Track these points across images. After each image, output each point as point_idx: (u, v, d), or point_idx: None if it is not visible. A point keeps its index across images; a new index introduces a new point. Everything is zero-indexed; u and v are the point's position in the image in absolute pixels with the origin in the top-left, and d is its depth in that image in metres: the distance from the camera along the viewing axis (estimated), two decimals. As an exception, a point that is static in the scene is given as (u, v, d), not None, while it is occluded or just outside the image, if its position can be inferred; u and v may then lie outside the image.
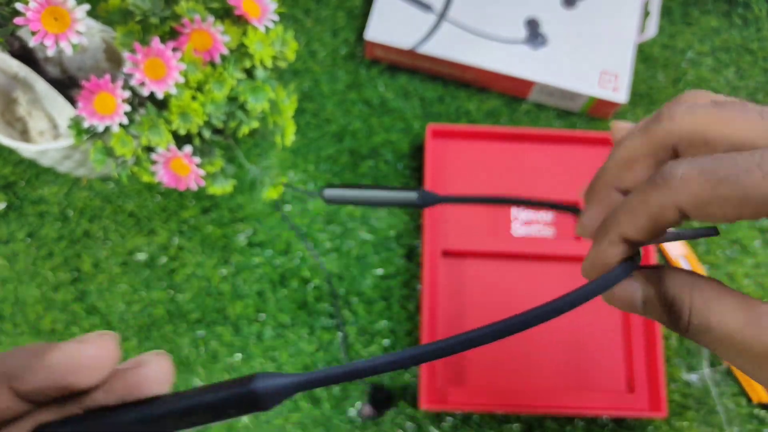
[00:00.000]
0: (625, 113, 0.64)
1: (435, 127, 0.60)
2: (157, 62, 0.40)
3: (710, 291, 0.21)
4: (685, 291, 0.21)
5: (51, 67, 0.52)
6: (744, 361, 0.20)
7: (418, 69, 0.64)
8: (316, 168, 0.61)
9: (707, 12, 0.67)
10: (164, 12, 0.41)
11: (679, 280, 0.21)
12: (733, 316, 0.20)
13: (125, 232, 0.59)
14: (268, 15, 0.42)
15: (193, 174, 0.44)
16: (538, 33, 0.61)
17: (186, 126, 0.42)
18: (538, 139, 0.61)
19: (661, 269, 0.22)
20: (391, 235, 0.59)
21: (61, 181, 0.60)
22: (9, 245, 0.59)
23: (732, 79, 0.65)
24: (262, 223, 0.59)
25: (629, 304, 0.22)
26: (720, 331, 0.20)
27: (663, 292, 0.22)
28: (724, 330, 0.20)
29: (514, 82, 0.61)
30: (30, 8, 0.35)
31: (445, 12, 0.62)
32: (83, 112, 0.41)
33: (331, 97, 0.63)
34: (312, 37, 0.65)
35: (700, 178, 0.19)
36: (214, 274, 0.58)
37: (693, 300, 0.21)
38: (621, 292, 0.22)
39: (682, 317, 0.21)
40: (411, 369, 0.56)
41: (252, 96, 0.43)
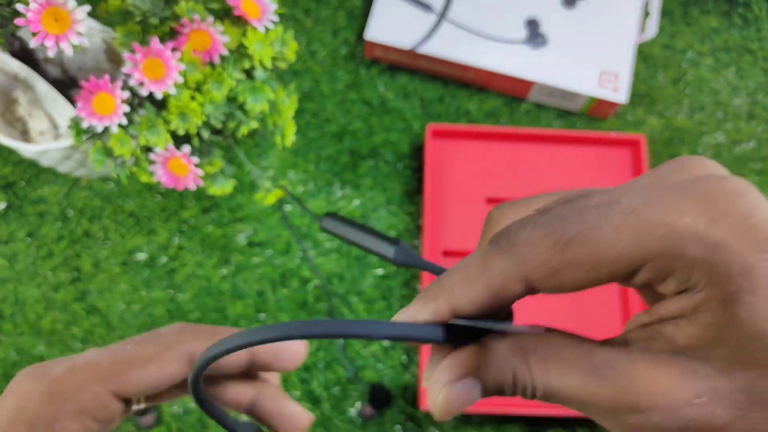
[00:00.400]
0: (625, 113, 0.64)
1: (435, 127, 0.60)
2: (157, 62, 0.40)
3: (545, 350, 0.18)
4: (520, 362, 0.18)
5: (51, 67, 0.52)
6: (597, 417, 0.18)
7: (418, 69, 0.64)
8: (316, 168, 0.61)
9: (707, 12, 0.67)
10: (164, 12, 0.41)
11: (509, 350, 0.18)
12: (572, 375, 0.17)
13: (125, 232, 0.59)
14: (268, 15, 0.42)
15: (192, 174, 0.44)
16: (538, 33, 0.61)
17: (184, 126, 0.42)
18: (538, 139, 0.61)
19: (482, 337, 0.19)
20: (391, 235, 0.59)
21: (61, 181, 0.60)
22: (9, 245, 0.59)
23: (732, 79, 0.65)
24: (262, 223, 0.59)
25: (467, 403, 0.19)
26: (565, 394, 0.17)
27: (497, 374, 0.18)
28: (567, 393, 0.17)
29: (514, 82, 0.61)
30: (31, 9, 0.35)
31: (445, 12, 0.62)
32: (82, 113, 0.41)
33: (331, 97, 0.63)
34: (312, 37, 0.65)
35: (548, 241, 0.17)
36: (214, 273, 0.58)
37: (531, 370, 0.18)
38: (457, 398, 0.18)
39: (526, 393, 0.18)
40: (411, 369, 0.56)
41: (251, 96, 0.43)
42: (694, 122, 0.64)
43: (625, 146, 0.61)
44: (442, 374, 0.19)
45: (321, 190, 0.60)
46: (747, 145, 0.63)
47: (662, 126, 0.63)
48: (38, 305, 0.57)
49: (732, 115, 0.64)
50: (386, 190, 0.61)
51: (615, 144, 0.61)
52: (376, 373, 0.56)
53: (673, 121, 0.64)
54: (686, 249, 0.16)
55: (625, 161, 0.61)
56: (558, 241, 0.17)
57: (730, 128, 0.63)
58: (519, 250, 0.17)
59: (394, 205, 0.60)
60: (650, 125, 0.63)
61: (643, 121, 0.64)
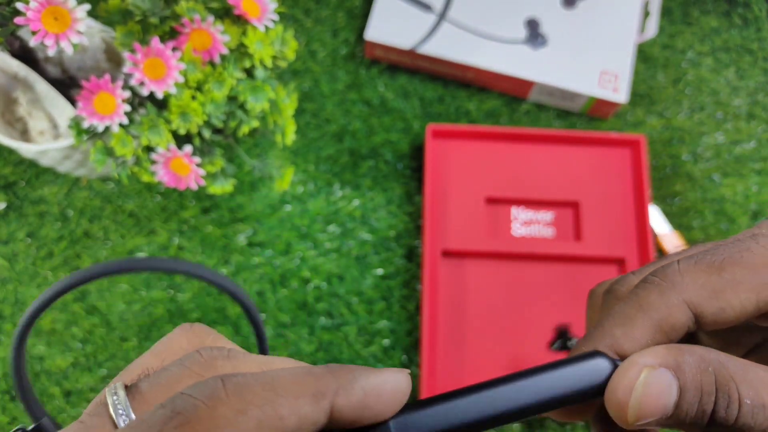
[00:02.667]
0: (625, 113, 0.64)
1: (435, 127, 0.60)
2: (157, 62, 0.40)
3: (735, 365, 0.17)
4: (722, 370, 0.16)
5: (51, 67, 0.52)
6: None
7: (418, 69, 0.64)
8: (316, 168, 0.61)
9: (707, 12, 0.67)
10: (164, 12, 0.41)
11: (704, 356, 0.17)
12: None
13: (125, 232, 0.59)
14: (268, 15, 0.42)
15: (193, 174, 0.44)
16: (538, 33, 0.61)
17: (186, 126, 0.42)
18: (538, 139, 0.61)
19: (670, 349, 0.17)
20: (391, 235, 0.59)
21: (61, 181, 0.60)
22: (9, 245, 0.59)
23: (732, 79, 0.65)
24: (262, 223, 0.59)
25: (662, 407, 0.16)
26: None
27: (697, 376, 0.16)
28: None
29: (514, 82, 0.61)
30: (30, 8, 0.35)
31: (445, 12, 0.62)
32: (83, 112, 0.41)
33: (331, 97, 0.63)
34: (312, 37, 0.65)
35: (702, 266, 0.16)
36: (214, 274, 0.58)
37: (735, 378, 0.16)
38: (654, 391, 0.16)
39: (732, 402, 0.16)
40: (411, 369, 0.56)
41: (252, 95, 0.43)
42: (694, 122, 0.64)
43: (625, 146, 0.61)
44: (645, 356, 0.16)
45: (321, 191, 0.60)
46: (747, 145, 0.63)
47: (662, 126, 0.63)
48: (38, 305, 0.57)
49: (732, 115, 0.64)
50: (386, 190, 0.61)
51: (615, 144, 0.61)
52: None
53: (673, 121, 0.64)
54: None
55: (625, 161, 0.61)
56: (711, 264, 0.16)
57: (730, 128, 0.63)
58: (676, 279, 0.17)
59: (394, 205, 0.60)
60: (650, 125, 0.63)
61: (643, 121, 0.64)
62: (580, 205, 0.59)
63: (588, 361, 0.17)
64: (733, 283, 0.16)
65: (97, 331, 0.57)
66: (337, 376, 0.17)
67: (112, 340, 0.56)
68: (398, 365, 0.56)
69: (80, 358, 0.56)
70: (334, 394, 0.16)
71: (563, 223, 0.59)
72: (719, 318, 0.17)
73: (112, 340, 0.56)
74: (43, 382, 0.55)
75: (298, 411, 0.16)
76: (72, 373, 0.56)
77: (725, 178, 0.62)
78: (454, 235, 0.58)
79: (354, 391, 0.17)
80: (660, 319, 0.17)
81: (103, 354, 0.56)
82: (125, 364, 0.55)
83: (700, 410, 0.16)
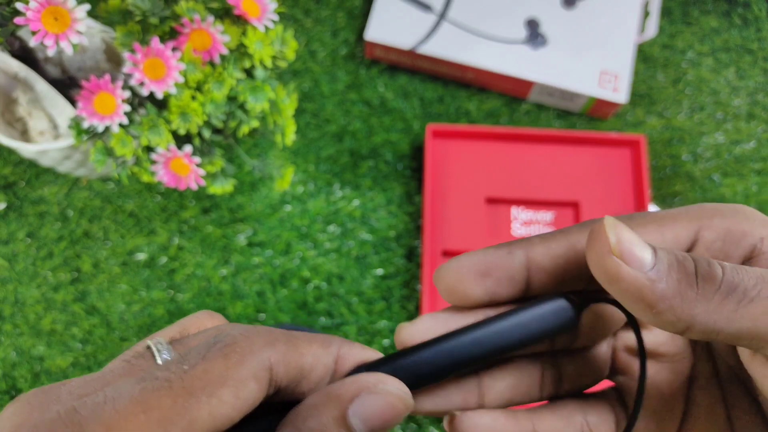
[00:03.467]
0: (625, 113, 0.64)
1: (435, 127, 0.60)
2: (157, 62, 0.40)
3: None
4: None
5: (51, 67, 0.52)
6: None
7: (418, 69, 0.64)
8: (316, 168, 0.61)
9: (707, 12, 0.67)
10: (164, 12, 0.41)
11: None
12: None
13: (125, 232, 0.59)
14: (268, 15, 0.42)
15: (193, 174, 0.44)
16: (538, 33, 0.61)
17: (186, 126, 0.42)
18: (538, 139, 0.61)
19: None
20: (391, 235, 0.59)
21: (61, 181, 0.60)
22: (9, 245, 0.59)
23: (732, 79, 0.65)
24: (262, 223, 0.59)
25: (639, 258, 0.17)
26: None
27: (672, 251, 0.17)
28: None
29: (514, 82, 0.61)
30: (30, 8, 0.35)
31: (445, 12, 0.62)
32: (83, 112, 0.41)
33: (331, 97, 0.63)
34: (312, 37, 0.65)
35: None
36: (214, 274, 0.58)
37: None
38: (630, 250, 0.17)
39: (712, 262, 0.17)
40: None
41: (252, 96, 0.43)
42: (694, 122, 0.64)
43: (625, 146, 0.61)
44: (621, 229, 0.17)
45: (321, 191, 0.60)
46: (747, 145, 0.63)
47: (662, 126, 0.63)
48: (38, 306, 0.57)
49: (732, 115, 0.64)
50: (386, 190, 0.61)
51: (615, 144, 0.61)
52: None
53: (673, 121, 0.64)
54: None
55: (625, 161, 0.61)
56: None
57: (730, 128, 0.63)
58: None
59: (394, 205, 0.60)
60: (650, 125, 0.63)
61: (643, 121, 0.64)
62: (580, 206, 0.59)
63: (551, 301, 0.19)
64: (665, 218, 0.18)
65: (97, 331, 0.57)
66: (340, 340, 0.20)
67: (112, 340, 0.56)
68: (398, 365, 0.56)
69: (80, 358, 0.56)
70: (340, 345, 0.20)
71: (563, 223, 0.59)
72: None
73: (112, 341, 0.56)
74: (43, 382, 0.55)
75: (313, 351, 0.19)
76: (72, 373, 0.56)
77: (725, 178, 0.62)
78: (454, 235, 0.58)
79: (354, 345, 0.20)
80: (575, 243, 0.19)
81: (103, 354, 0.56)
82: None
83: (682, 269, 0.17)
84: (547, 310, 0.19)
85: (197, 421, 0.16)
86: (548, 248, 0.19)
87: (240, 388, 0.17)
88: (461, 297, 0.20)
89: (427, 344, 0.19)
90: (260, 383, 0.18)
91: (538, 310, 0.19)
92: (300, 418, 0.18)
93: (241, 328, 0.19)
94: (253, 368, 0.18)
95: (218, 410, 0.17)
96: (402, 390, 0.18)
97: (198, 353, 0.18)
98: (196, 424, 0.16)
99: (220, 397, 0.17)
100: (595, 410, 0.21)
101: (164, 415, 0.16)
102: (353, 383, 0.18)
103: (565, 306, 0.19)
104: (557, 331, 0.19)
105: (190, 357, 0.18)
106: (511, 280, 0.19)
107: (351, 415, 0.17)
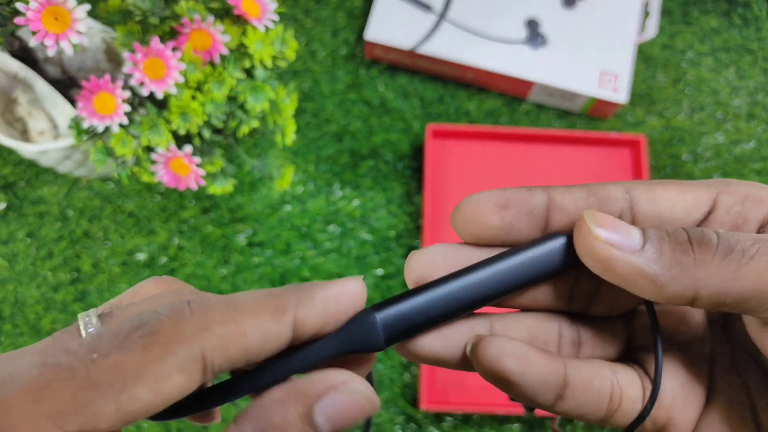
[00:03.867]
0: (625, 113, 0.64)
1: (435, 127, 0.60)
2: (157, 62, 0.40)
3: None
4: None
5: (51, 67, 0.52)
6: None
7: (418, 69, 0.64)
8: (316, 168, 0.61)
9: (707, 12, 0.67)
10: (164, 12, 0.41)
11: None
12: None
13: (125, 232, 0.59)
14: (268, 15, 0.42)
15: (193, 174, 0.44)
16: (538, 33, 0.61)
17: (186, 126, 0.42)
18: (538, 139, 0.61)
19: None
20: (391, 235, 0.59)
21: (61, 181, 0.60)
22: (9, 245, 0.59)
23: (732, 79, 0.65)
24: (262, 223, 0.59)
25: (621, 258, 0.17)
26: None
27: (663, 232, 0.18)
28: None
29: (514, 82, 0.61)
30: (30, 8, 0.35)
31: (445, 12, 0.62)
32: (83, 112, 0.41)
33: (331, 97, 0.63)
34: (312, 37, 0.65)
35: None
36: (214, 274, 0.58)
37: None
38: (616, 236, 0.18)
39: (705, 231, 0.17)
40: (411, 369, 0.56)
41: (252, 95, 0.43)
42: (694, 122, 0.64)
43: (625, 146, 0.61)
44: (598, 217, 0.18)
45: (321, 191, 0.60)
46: (747, 145, 0.63)
47: (662, 126, 0.63)
48: (38, 306, 0.57)
49: (732, 115, 0.64)
50: (386, 190, 0.61)
51: (615, 144, 0.61)
52: (376, 373, 0.56)
53: (673, 121, 0.64)
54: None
55: (625, 161, 0.61)
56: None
57: (730, 128, 0.63)
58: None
59: (394, 205, 0.60)
60: (650, 125, 0.63)
61: (643, 121, 0.64)
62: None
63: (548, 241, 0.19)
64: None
65: (97, 331, 0.57)
66: (296, 292, 0.18)
67: (112, 340, 0.56)
68: (398, 365, 0.56)
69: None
70: (296, 308, 0.18)
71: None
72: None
73: (112, 340, 0.56)
74: (43, 382, 0.55)
75: (261, 327, 0.17)
76: (72, 373, 0.55)
77: (725, 177, 0.62)
78: (454, 235, 0.58)
79: (314, 303, 0.18)
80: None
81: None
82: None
83: (673, 239, 0.17)
84: (550, 247, 0.19)
85: (100, 416, 0.15)
86: (569, 191, 0.19)
87: (161, 384, 0.16)
88: (478, 225, 0.19)
89: (435, 283, 0.19)
90: (189, 375, 0.16)
91: (541, 247, 0.19)
92: (264, 412, 0.17)
93: (173, 308, 0.17)
94: (179, 361, 0.16)
95: (129, 406, 0.15)
96: (368, 390, 0.18)
97: (114, 339, 0.16)
98: (98, 420, 0.15)
99: (133, 393, 0.15)
100: (624, 372, 0.20)
101: (58, 408, 0.15)
102: (321, 381, 0.17)
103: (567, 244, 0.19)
104: (561, 267, 0.19)
105: (104, 342, 0.16)
106: (530, 215, 0.19)
107: (316, 412, 0.17)
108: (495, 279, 0.19)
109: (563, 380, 0.19)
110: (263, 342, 0.17)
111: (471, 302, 0.19)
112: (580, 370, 0.19)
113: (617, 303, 0.21)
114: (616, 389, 0.19)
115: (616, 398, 0.19)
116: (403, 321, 0.19)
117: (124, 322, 0.17)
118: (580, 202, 0.19)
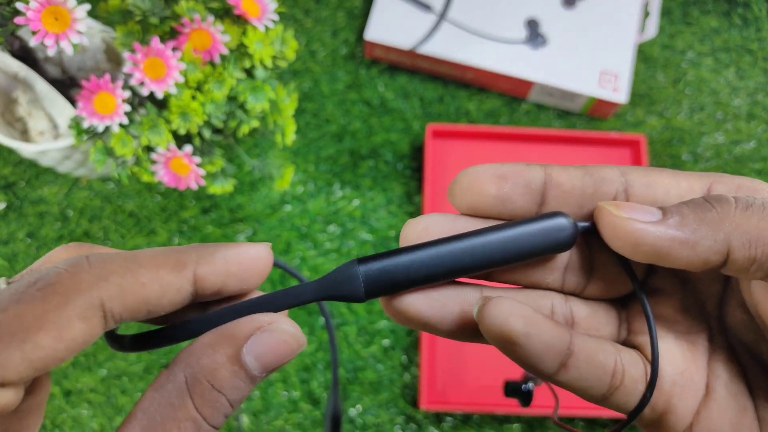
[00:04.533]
0: (625, 113, 0.64)
1: (435, 127, 0.60)
2: (157, 62, 0.40)
3: None
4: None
5: (51, 67, 0.52)
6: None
7: (418, 69, 0.64)
8: (316, 168, 0.61)
9: (707, 12, 0.67)
10: (164, 12, 0.41)
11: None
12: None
13: (125, 232, 0.59)
14: (268, 15, 0.42)
15: (194, 174, 0.44)
16: (538, 33, 0.61)
17: (186, 126, 0.42)
18: (538, 139, 0.61)
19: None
20: (391, 235, 0.59)
21: (61, 181, 0.60)
22: (9, 245, 0.59)
23: (732, 79, 0.65)
24: (262, 223, 0.59)
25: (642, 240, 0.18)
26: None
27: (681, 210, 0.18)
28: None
29: (514, 82, 0.61)
30: (30, 8, 0.35)
31: (445, 12, 0.62)
32: (83, 112, 0.41)
33: (331, 97, 0.63)
34: (312, 37, 0.65)
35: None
36: (214, 274, 0.58)
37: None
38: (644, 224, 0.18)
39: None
40: (411, 369, 0.56)
41: (252, 95, 0.43)
42: (694, 122, 0.64)
43: (625, 146, 0.61)
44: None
45: (321, 191, 0.60)
46: (747, 145, 0.63)
47: (662, 126, 0.63)
48: (38, 305, 0.57)
49: (732, 115, 0.64)
50: (386, 190, 0.61)
51: (615, 144, 0.61)
52: (376, 373, 0.56)
53: (673, 121, 0.64)
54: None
55: (625, 161, 0.61)
56: None
57: (730, 128, 0.63)
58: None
59: (394, 205, 0.60)
60: (650, 125, 0.63)
61: (643, 121, 0.64)
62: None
63: (551, 219, 0.19)
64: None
65: (97, 331, 0.57)
66: (198, 249, 0.19)
67: (112, 340, 0.56)
68: (398, 365, 0.56)
69: (80, 358, 0.56)
70: (196, 264, 0.18)
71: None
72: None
73: (112, 340, 0.56)
74: (43, 382, 0.55)
75: (159, 279, 0.18)
76: (72, 373, 0.56)
77: (725, 178, 0.62)
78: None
79: (215, 260, 0.19)
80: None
81: (103, 354, 0.56)
82: (125, 364, 0.55)
83: (692, 204, 0.18)
84: (549, 225, 0.19)
85: (6, 366, 0.16)
86: (566, 169, 0.20)
87: (63, 331, 0.16)
88: (475, 195, 0.20)
89: (425, 244, 0.19)
90: (90, 322, 0.17)
91: (540, 223, 0.19)
92: (194, 356, 0.18)
93: (71, 262, 0.17)
94: (78, 309, 0.17)
95: (35, 354, 0.16)
96: (296, 328, 0.18)
97: (13, 294, 0.17)
98: (5, 369, 0.16)
99: (36, 341, 0.16)
100: (627, 353, 0.20)
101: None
102: (248, 322, 0.18)
103: (567, 224, 0.19)
104: (556, 246, 0.19)
105: (3, 299, 0.17)
106: (527, 188, 0.20)
107: (245, 352, 0.17)
108: (486, 247, 0.19)
109: (568, 348, 0.19)
110: (162, 293, 0.18)
111: (458, 267, 0.19)
112: (585, 341, 0.19)
113: (610, 286, 0.21)
114: (619, 365, 0.19)
115: (619, 375, 0.19)
116: (387, 275, 0.19)
117: (23, 279, 0.17)
118: (577, 180, 0.20)
